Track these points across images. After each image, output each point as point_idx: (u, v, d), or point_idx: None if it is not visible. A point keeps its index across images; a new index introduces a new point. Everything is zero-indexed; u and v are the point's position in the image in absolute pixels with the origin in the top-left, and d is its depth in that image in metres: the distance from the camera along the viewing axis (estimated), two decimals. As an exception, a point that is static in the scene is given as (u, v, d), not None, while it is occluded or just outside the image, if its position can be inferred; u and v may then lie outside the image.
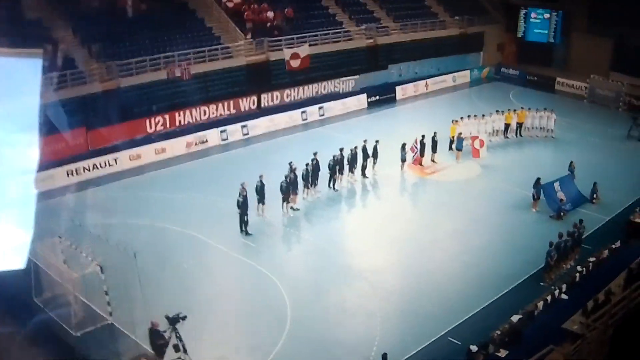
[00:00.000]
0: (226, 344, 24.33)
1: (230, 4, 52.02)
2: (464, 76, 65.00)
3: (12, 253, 5.87)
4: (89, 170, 38.06)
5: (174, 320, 21.23)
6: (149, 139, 42.67)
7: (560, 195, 35.70)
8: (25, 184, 5.94)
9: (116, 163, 39.31)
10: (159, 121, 44.32)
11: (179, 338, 21.37)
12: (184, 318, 21.37)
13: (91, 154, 39.31)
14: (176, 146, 42.49)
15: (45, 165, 35.45)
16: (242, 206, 31.73)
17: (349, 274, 29.18)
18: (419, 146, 40.69)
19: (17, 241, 5.91)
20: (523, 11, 68.16)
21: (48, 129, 35.99)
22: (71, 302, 24.05)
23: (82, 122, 40.48)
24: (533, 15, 67.60)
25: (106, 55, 43.11)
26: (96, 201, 34.92)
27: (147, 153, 41.04)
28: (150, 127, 43.93)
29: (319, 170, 36.25)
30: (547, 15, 66.79)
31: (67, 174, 37.13)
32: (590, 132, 49.48)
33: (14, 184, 5.88)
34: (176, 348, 21.44)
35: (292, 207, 34.55)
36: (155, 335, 21.64)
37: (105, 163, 38.88)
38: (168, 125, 44.73)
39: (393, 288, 28.38)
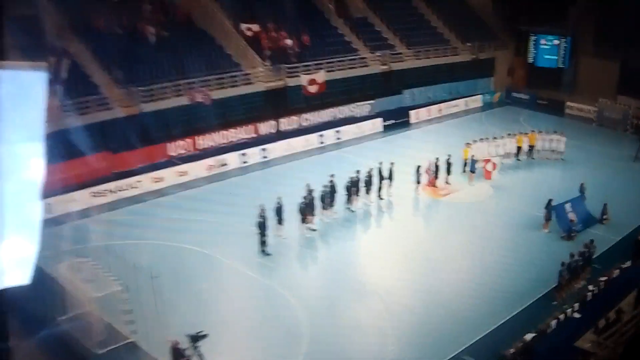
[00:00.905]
0: (243, 362, 24.04)
1: (249, 32, 51.98)
2: (476, 100, 64.44)
3: (20, 268, 5.67)
4: (113, 192, 37.85)
5: (195, 339, 21.04)
6: (171, 162, 42.49)
7: (571, 216, 35.25)
8: (33, 197, 5.74)
9: (138, 185, 39.12)
10: (180, 145, 44.20)
11: (200, 356, 21.13)
12: (204, 336, 21.16)
13: (115, 177, 39.09)
14: (197, 169, 42.24)
15: (70, 187, 35.62)
16: (262, 227, 31.48)
17: (363, 293, 28.83)
18: (433, 168, 40.35)
19: (25, 256, 5.70)
20: (533, 38, 67.70)
21: (73, 152, 36.07)
22: (93, 321, 23.84)
23: (106, 146, 40.34)
24: (542, 41, 67.14)
25: (128, 81, 43.06)
26: (119, 222, 34.79)
27: (169, 176, 40.80)
28: (172, 150, 43.77)
29: (335, 191, 35.92)
30: (556, 42, 66.31)
31: (91, 196, 36.96)
32: (599, 154, 49.17)
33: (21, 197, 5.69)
34: (197, 366, 21.24)
35: (309, 228, 34.22)
36: (176, 354, 21.39)
37: (128, 185, 38.66)
38: (189, 148, 44.64)
39: (407, 307, 27.95)
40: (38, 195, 5.54)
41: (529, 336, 23.89)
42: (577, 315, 26.28)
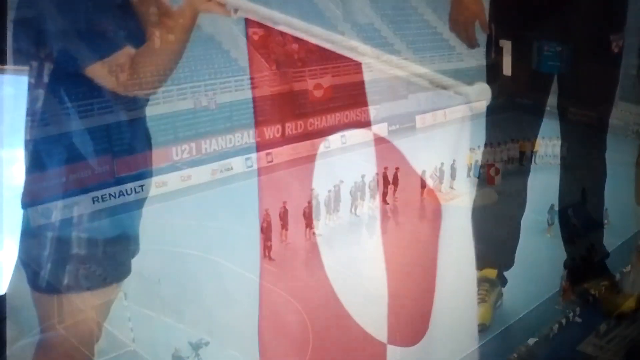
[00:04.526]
0: (247, 370, 23.42)
1: (255, 37, 51.25)
2: (480, 105, 63.82)
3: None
4: (115, 197, 36.94)
5: (196, 346, 20.56)
6: (175, 167, 41.93)
7: (573, 220, 35.01)
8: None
9: (142, 190, 38.13)
10: (185, 149, 43.48)
11: (201, 365, 20.64)
12: (206, 344, 20.70)
13: (117, 181, 38.23)
14: (202, 173, 41.63)
15: (70, 192, 34.81)
16: (266, 232, 30.90)
17: (369, 299, 28.16)
18: (438, 173, 40.01)
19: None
20: (536, 44, 67.57)
21: (73, 156, 35.48)
22: (93, 329, 23.23)
23: (109, 150, 39.59)
24: (546, 47, 66.90)
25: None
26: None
27: (173, 180, 39.97)
28: (177, 154, 43.02)
29: (340, 196, 35.55)
30: (559, 48, 66.18)
31: (93, 201, 36.03)
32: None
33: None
34: (199, 375, 20.72)
35: (314, 233, 33.68)
36: (178, 362, 20.85)
37: (131, 190, 37.73)
38: (194, 153, 43.97)
39: (412, 312, 27.45)
40: (20, 202, 5.54)
41: (532, 341, 23.85)
42: (578, 319, 26.40)
